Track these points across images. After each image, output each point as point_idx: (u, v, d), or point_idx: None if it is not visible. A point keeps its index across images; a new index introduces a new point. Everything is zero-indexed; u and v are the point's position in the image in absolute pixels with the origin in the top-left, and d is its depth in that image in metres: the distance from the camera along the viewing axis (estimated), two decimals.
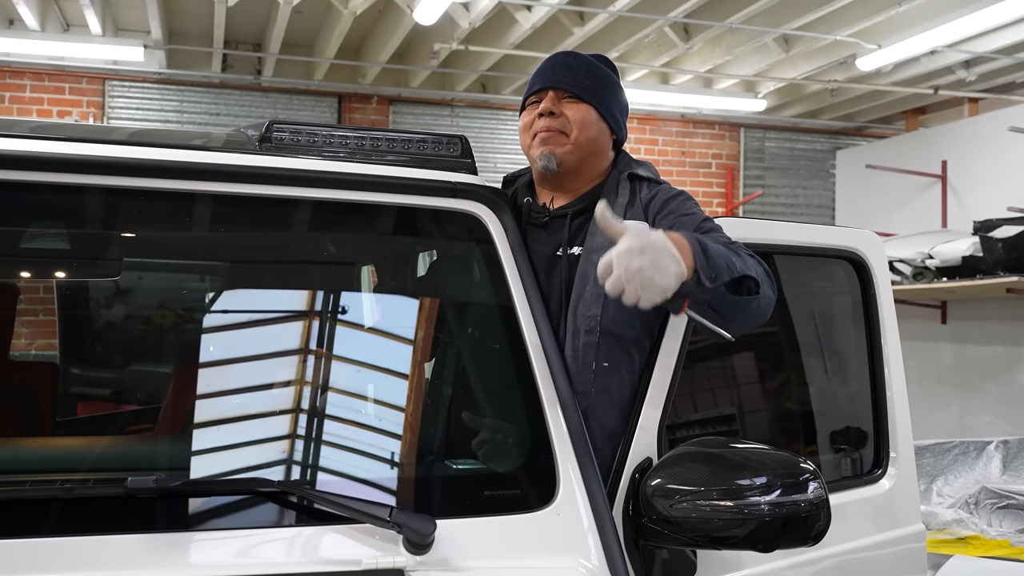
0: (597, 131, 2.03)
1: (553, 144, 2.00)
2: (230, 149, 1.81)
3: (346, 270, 2.06)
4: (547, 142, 2.00)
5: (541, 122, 2.02)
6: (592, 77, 2.05)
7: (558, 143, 2.00)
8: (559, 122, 2.01)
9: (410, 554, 1.50)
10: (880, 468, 2.33)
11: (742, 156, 9.88)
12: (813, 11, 6.49)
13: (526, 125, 2.06)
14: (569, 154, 2.00)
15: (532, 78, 2.10)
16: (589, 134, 2.01)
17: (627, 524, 1.73)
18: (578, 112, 2.01)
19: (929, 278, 6.89)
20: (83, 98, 8.11)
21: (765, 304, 1.79)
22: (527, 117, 2.07)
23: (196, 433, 1.68)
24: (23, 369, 2.58)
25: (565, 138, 2.00)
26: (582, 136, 2.00)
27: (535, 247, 1.97)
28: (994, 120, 7.60)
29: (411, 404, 1.81)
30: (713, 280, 1.66)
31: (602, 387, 1.85)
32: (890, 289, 2.43)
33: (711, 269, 1.66)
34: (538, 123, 2.02)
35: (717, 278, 1.67)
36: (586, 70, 2.05)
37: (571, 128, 2.00)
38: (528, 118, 2.06)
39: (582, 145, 2.01)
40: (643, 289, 1.57)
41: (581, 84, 2.03)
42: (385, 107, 8.83)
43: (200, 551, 1.50)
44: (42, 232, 1.85)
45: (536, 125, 2.03)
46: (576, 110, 2.01)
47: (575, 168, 2.02)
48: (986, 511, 5.02)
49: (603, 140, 2.05)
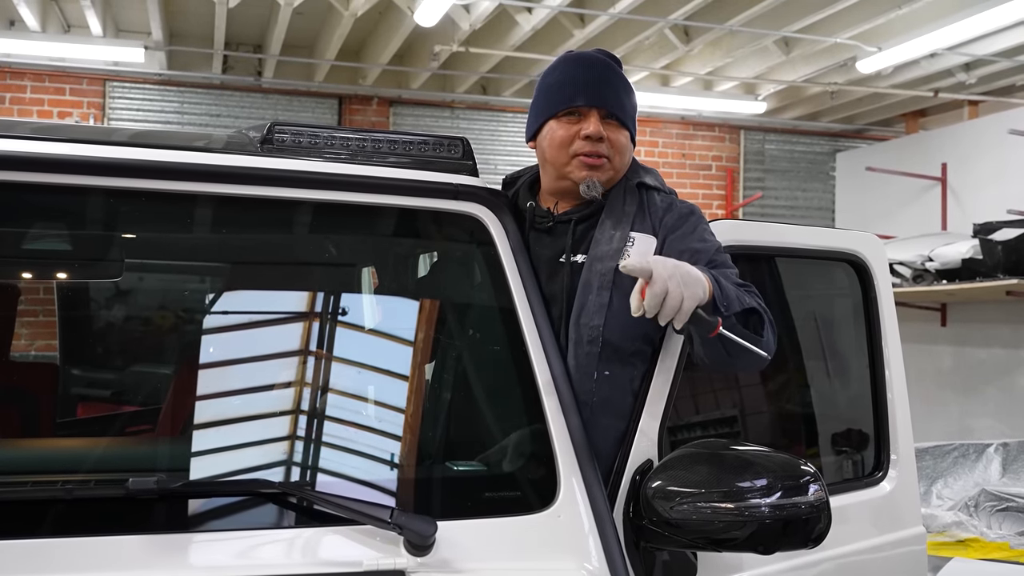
0: (630, 154, 2.02)
1: (599, 172, 1.95)
2: (231, 151, 1.81)
3: (347, 272, 2.06)
4: (593, 168, 1.95)
5: (587, 145, 1.94)
6: (628, 95, 2.00)
7: (603, 170, 1.96)
8: (605, 147, 1.95)
9: (411, 555, 1.50)
10: (880, 470, 2.33)
11: (742, 158, 9.89)
12: (813, 14, 6.50)
13: (564, 140, 1.96)
14: (610, 180, 1.98)
15: (568, 85, 1.98)
16: (626, 159, 2.00)
17: (628, 526, 1.73)
18: (620, 137, 1.97)
19: (929, 280, 6.90)
20: (84, 99, 8.11)
21: (768, 348, 1.79)
22: (564, 131, 1.96)
23: (197, 434, 1.68)
24: (23, 370, 2.58)
25: (609, 164, 1.96)
26: (622, 162, 1.99)
27: (538, 252, 1.96)
28: (994, 123, 7.61)
29: (412, 406, 1.81)
30: (727, 308, 1.70)
31: (604, 396, 1.84)
32: (891, 291, 2.43)
33: (724, 298, 1.71)
34: (581, 144, 1.94)
35: (730, 307, 1.71)
36: (624, 88, 2.00)
37: (614, 154, 1.96)
38: (566, 133, 1.96)
39: (620, 171, 2.00)
40: (687, 284, 1.61)
41: (624, 107, 1.98)
42: (385, 109, 8.83)
43: (201, 552, 1.50)
44: (43, 233, 1.85)
45: (579, 146, 1.95)
46: (618, 135, 1.97)
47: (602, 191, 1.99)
48: (986, 513, 5.02)
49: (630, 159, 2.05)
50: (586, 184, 1.95)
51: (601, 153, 1.95)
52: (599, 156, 1.95)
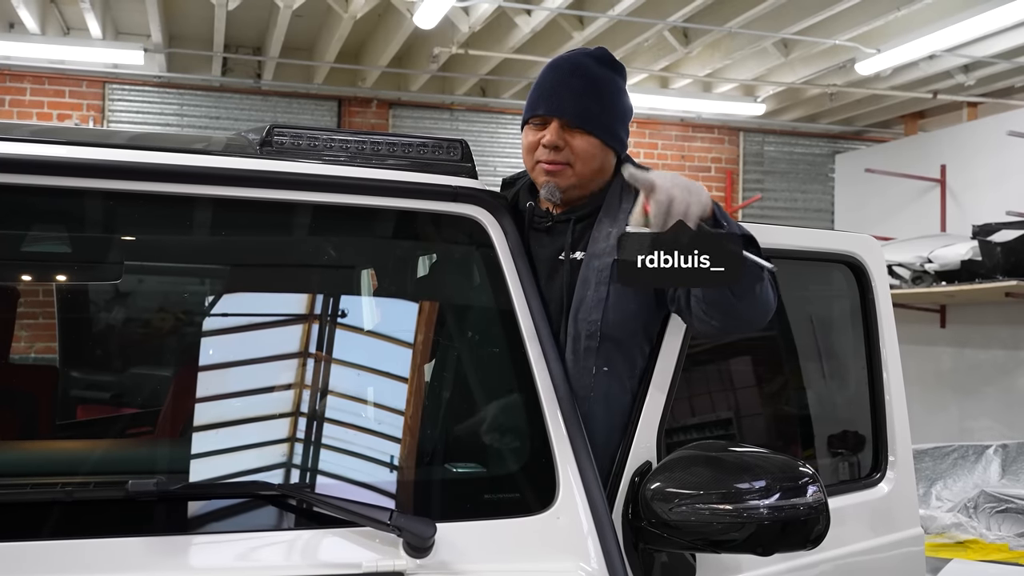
0: (601, 160, 1.99)
1: (558, 177, 1.96)
2: (231, 153, 1.81)
3: (346, 274, 2.06)
4: (551, 174, 1.97)
5: (545, 153, 1.96)
6: (598, 100, 1.98)
7: (562, 176, 1.97)
8: (563, 155, 1.96)
9: (410, 557, 1.50)
10: (879, 472, 2.33)
11: (741, 160, 9.89)
12: (812, 15, 6.50)
13: (529, 147, 2.00)
14: (573, 187, 1.98)
15: (536, 90, 2.02)
16: (592, 166, 1.98)
17: (626, 528, 1.74)
18: (583, 144, 1.96)
19: (928, 282, 6.90)
20: (83, 101, 8.12)
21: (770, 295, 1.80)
22: (530, 138, 2.00)
23: (196, 436, 1.68)
24: (23, 372, 2.59)
25: (570, 170, 1.96)
26: (586, 168, 1.97)
27: (537, 251, 1.97)
28: (993, 124, 7.62)
29: (411, 408, 1.82)
30: (727, 225, 1.71)
31: (602, 392, 1.85)
32: (889, 293, 2.43)
33: (723, 216, 1.73)
34: (541, 152, 1.97)
35: (730, 227, 1.73)
36: (593, 92, 1.98)
37: (575, 160, 1.96)
38: (531, 139, 2.00)
39: (584, 176, 1.98)
40: (690, 191, 1.63)
41: (587, 113, 1.96)
42: (385, 111, 8.84)
43: (200, 554, 1.51)
44: (43, 236, 1.85)
45: (540, 153, 1.98)
46: (581, 142, 1.96)
47: (578, 194, 2.00)
48: (985, 515, 5.02)
49: (606, 164, 2.02)
50: (546, 189, 1.98)
51: (558, 161, 1.96)
52: (556, 164, 1.96)
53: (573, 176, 1.97)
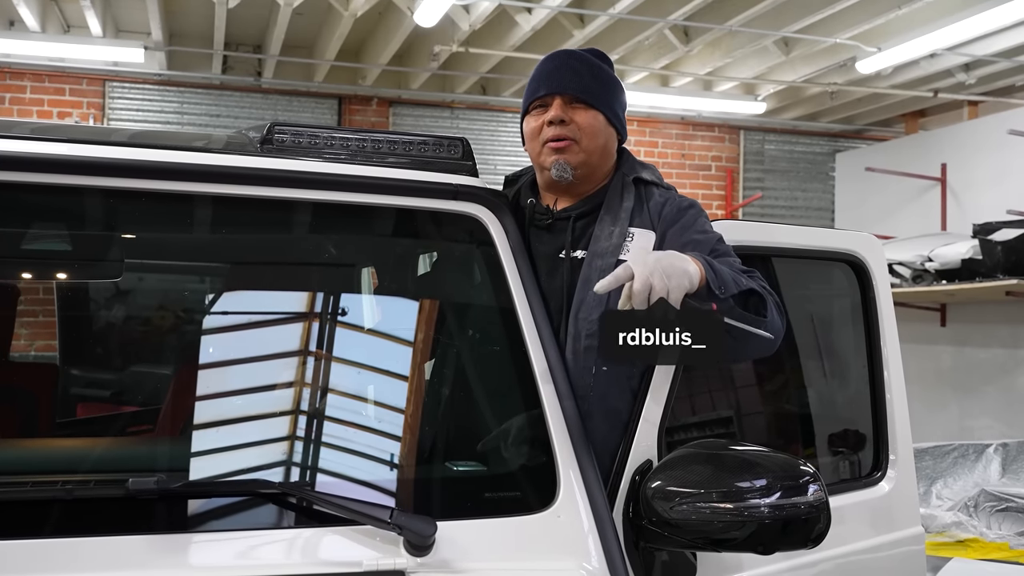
0: (606, 136, 2.01)
1: (567, 153, 1.97)
2: (231, 151, 1.81)
3: (347, 272, 2.06)
4: (560, 151, 1.97)
5: (551, 130, 1.97)
6: (597, 79, 2.01)
7: (571, 152, 1.97)
8: (570, 129, 1.97)
9: (411, 556, 1.50)
10: (879, 471, 2.33)
11: (742, 159, 9.89)
12: (813, 14, 6.50)
13: (533, 132, 2.01)
14: (583, 163, 1.98)
15: (534, 80, 2.04)
16: (599, 141, 1.99)
17: (627, 526, 1.74)
18: (587, 118, 1.98)
19: (928, 281, 6.90)
20: (83, 99, 8.11)
21: (774, 329, 1.79)
22: (534, 123, 2.02)
23: (196, 434, 1.68)
24: (23, 370, 2.59)
25: (577, 146, 1.97)
26: (593, 144, 1.98)
27: (537, 248, 1.97)
28: (993, 123, 7.62)
29: (411, 406, 1.81)
30: (723, 291, 1.69)
31: (601, 391, 1.85)
32: (889, 292, 2.43)
33: (719, 281, 1.70)
34: (547, 131, 1.98)
35: (726, 290, 1.70)
36: (591, 73, 2.01)
37: (581, 135, 1.97)
38: (535, 124, 2.01)
39: (593, 152, 1.99)
40: (669, 276, 1.61)
41: (589, 89, 1.99)
42: (385, 109, 8.84)
43: (201, 552, 1.51)
44: (43, 233, 1.85)
45: (545, 133, 1.98)
46: (585, 116, 1.98)
47: (587, 175, 2.01)
48: (985, 514, 5.03)
49: (611, 144, 2.04)
50: (556, 167, 1.97)
51: (565, 136, 1.97)
52: (564, 139, 1.96)
53: (581, 152, 1.98)
